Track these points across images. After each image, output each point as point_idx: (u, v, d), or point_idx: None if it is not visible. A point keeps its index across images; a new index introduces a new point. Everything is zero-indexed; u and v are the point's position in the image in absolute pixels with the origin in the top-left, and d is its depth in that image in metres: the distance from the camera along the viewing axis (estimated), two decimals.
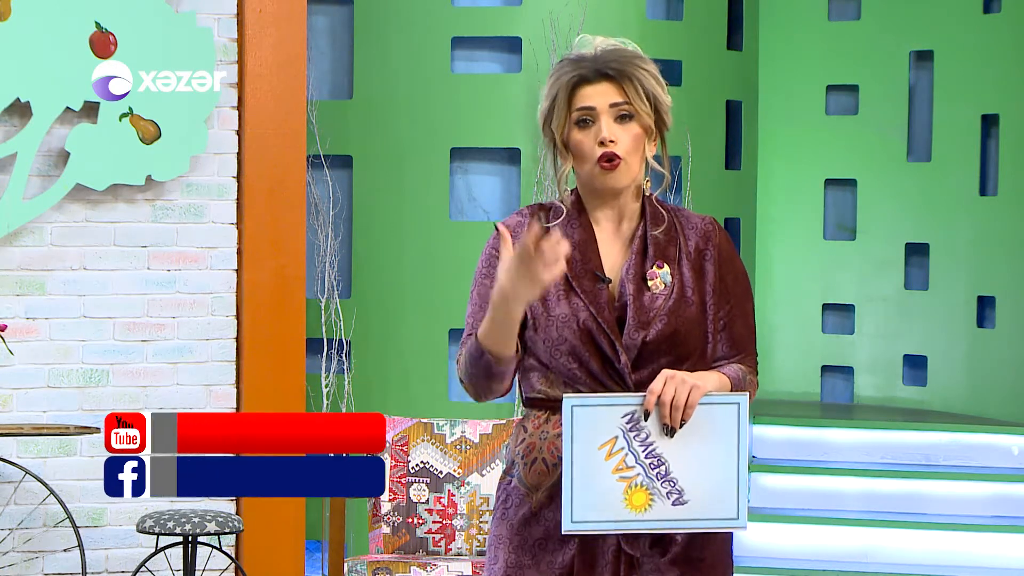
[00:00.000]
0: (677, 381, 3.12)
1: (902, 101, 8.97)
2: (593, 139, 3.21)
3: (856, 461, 8.29)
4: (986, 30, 8.66)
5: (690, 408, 3.12)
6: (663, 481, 3.14)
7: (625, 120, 3.23)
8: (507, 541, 3.29)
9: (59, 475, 6.25)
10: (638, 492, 3.14)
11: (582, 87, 3.23)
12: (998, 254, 8.61)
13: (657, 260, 3.25)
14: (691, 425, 3.14)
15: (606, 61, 3.23)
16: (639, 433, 3.14)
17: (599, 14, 7.41)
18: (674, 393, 3.11)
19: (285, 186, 6.44)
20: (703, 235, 3.29)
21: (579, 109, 3.22)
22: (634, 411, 3.14)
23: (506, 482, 3.32)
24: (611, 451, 3.14)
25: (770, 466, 8.18)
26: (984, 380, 8.68)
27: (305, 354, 6.56)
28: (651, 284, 3.24)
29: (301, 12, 6.46)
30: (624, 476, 3.14)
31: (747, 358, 3.31)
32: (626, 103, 3.21)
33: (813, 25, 9.11)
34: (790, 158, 9.14)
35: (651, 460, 3.14)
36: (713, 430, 3.14)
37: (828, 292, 9.17)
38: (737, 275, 3.30)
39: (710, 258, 3.28)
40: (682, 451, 3.14)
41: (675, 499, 3.14)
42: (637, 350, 3.20)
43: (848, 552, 7.77)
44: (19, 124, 6.18)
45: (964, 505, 7.96)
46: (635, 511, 3.14)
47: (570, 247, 3.22)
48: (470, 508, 5.65)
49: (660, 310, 3.21)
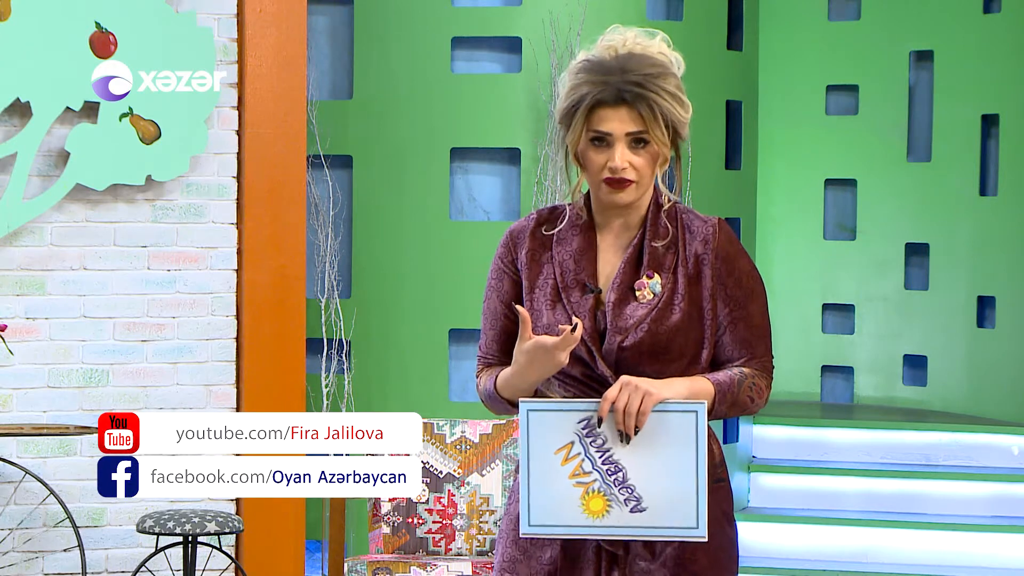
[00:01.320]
0: (631, 387, 3.12)
1: (902, 101, 8.97)
2: (605, 160, 3.21)
3: (856, 461, 8.29)
4: (986, 30, 8.65)
5: (643, 415, 3.11)
6: (620, 488, 3.13)
7: (639, 144, 3.22)
8: (506, 535, 3.34)
9: (59, 475, 6.25)
10: (595, 498, 3.13)
11: (600, 109, 3.20)
12: (998, 254, 8.60)
13: (649, 270, 3.25)
14: (647, 432, 3.12)
15: (626, 80, 3.19)
16: (595, 439, 3.13)
17: (599, 14, 7.40)
18: (627, 400, 3.11)
19: (285, 186, 6.44)
20: (703, 240, 3.27)
21: (595, 132, 3.21)
22: (589, 417, 3.14)
23: (514, 478, 3.34)
24: (567, 456, 3.14)
25: (770, 466, 8.18)
26: (984, 380, 8.67)
27: (305, 354, 6.56)
28: (639, 294, 3.24)
29: (301, 12, 6.46)
30: (581, 482, 3.13)
31: (754, 360, 3.28)
32: (643, 131, 3.20)
33: (813, 25, 9.11)
34: (790, 158, 9.14)
35: (608, 467, 3.13)
36: (670, 438, 3.12)
37: (828, 292, 9.17)
38: (740, 277, 3.27)
39: (707, 263, 3.26)
40: (639, 458, 3.12)
41: (633, 506, 3.13)
42: (615, 356, 3.20)
43: (848, 552, 7.77)
44: (19, 124, 6.18)
45: (964, 505, 7.96)
46: (592, 517, 3.13)
47: (567, 255, 3.26)
48: (470, 508, 5.65)
49: (640, 319, 3.21)
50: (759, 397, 3.27)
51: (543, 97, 7.42)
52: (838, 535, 7.80)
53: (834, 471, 8.10)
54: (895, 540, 7.75)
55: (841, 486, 8.05)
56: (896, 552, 7.73)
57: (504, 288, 3.33)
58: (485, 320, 3.34)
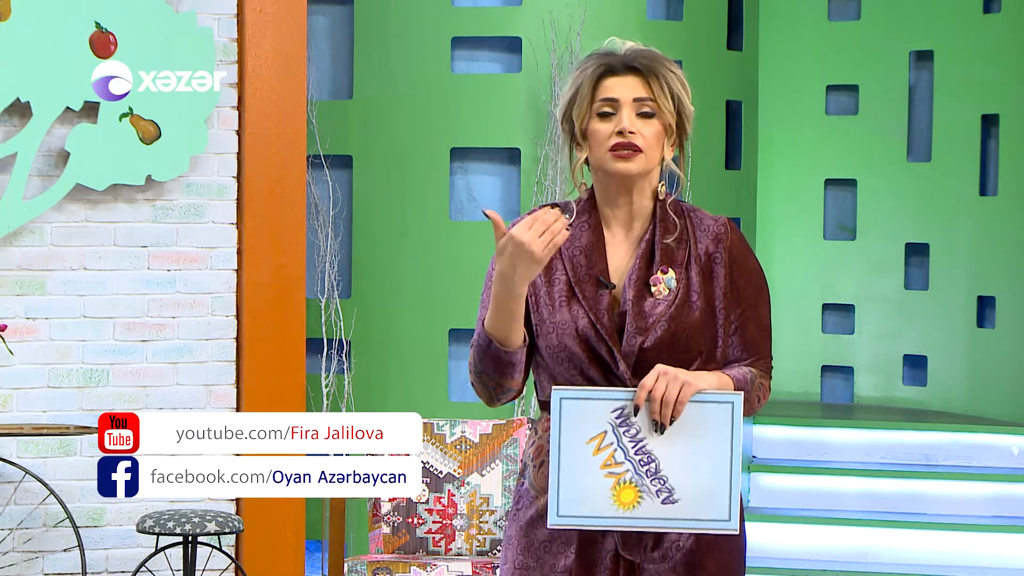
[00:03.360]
0: (670, 377, 3.08)
1: (902, 101, 8.97)
2: (612, 127, 3.20)
3: (856, 461, 8.29)
4: (986, 30, 8.66)
5: (680, 405, 3.08)
6: (653, 479, 3.09)
7: (647, 117, 3.21)
8: (515, 543, 3.29)
9: (59, 475, 6.25)
10: (626, 489, 3.10)
11: (607, 78, 3.22)
12: (998, 254, 8.61)
13: (663, 265, 3.22)
14: (682, 423, 3.09)
15: (635, 57, 3.22)
16: (629, 429, 3.10)
17: (599, 14, 7.41)
18: (665, 388, 3.08)
19: (285, 186, 6.44)
20: (714, 238, 3.26)
21: (602, 100, 3.20)
22: (624, 406, 3.10)
23: (519, 483, 3.31)
24: (600, 446, 3.10)
25: (770, 466, 8.18)
26: (984, 380, 8.68)
27: (305, 354, 6.56)
28: (654, 290, 3.21)
29: (301, 12, 6.46)
30: (613, 472, 3.09)
31: (759, 361, 3.27)
32: (650, 99, 3.20)
33: (813, 25, 9.11)
34: (790, 158, 9.14)
35: (641, 457, 3.09)
36: (705, 429, 3.09)
37: (828, 292, 9.17)
38: (750, 276, 3.27)
39: (720, 261, 3.24)
40: (673, 449, 3.09)
41: (664, 498, 3.09)
42: (636, 356, 3.17)
43: (848, 552, 7.77)
44: (19, 124, 6.18)
45: (964, 505, 7.96)
46: (623, 508, 3.10)
47: (576, 250, 3.22)
48: (470, 508, 5.65)
49: (660, 316, 3.18)
50: (764, 398, 3.28)
51: (543, 97, 7.42)
52: (838, 535, 7.80)
53: (834, 471, 8.10)
54: (895, 540, 7.75)
55: (841, 486, 8.05)
56: (896, 552, 7.73)
57: None
58: (483, 310, 3.27)
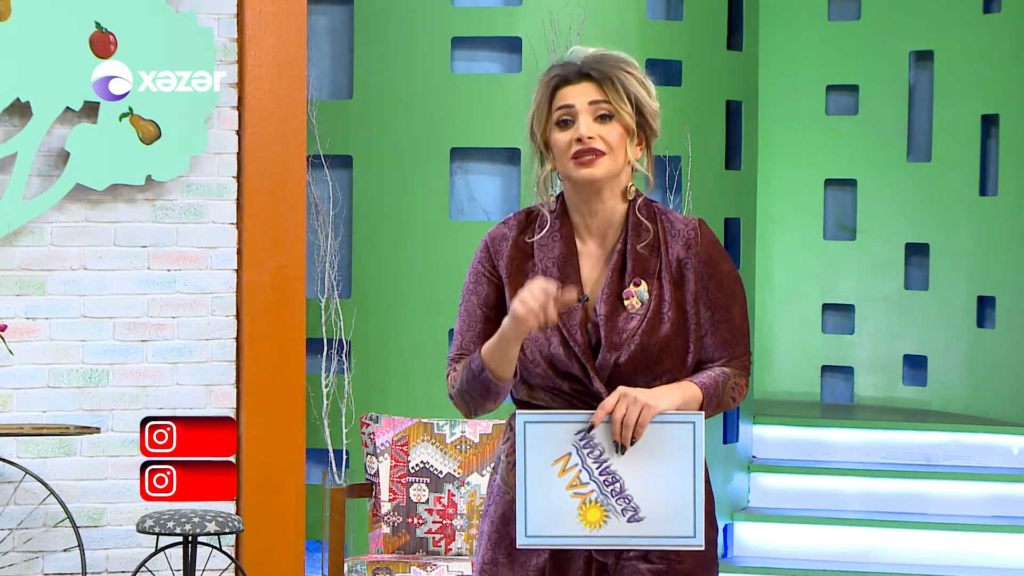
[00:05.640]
0: (630, 399, 3.13)
1: (902, 101, 8.97)
2: (572, 135, 3.23)
3: (856, 461, 8.29)
4: (986, 30, 8.66)
5: (640, 427, 3.12)
6: (618, 498, 3.14)
7: (606, 120, 3.23)
8: (486, 537, 3.33)
9: (59, 475, 6.25)
10: (592, 508, 3.15)
11: (563, 87, 3.26)
12: (998, 254, 8.61)
13: (635, 277, 3.25)
14: (645, 443, 3.14)
15: (588, 64, 3.25)
16: (592, 450, 3.15)
17: (599, 14, 7.40)
18: (625, 411, 3.12)
19: (285, 186, 6.44)
20: (685, 243, 3.28)
21: (559, 108, 3.24)
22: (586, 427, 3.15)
23: (492, 479, 3.35)
24: (564, 467, 3.15)
25: (770, 466, 8.18)
26: (984, 380, 8.68)
27: (305, 354, 6.56)
28: (627, 304, 3.24)
29: (301, 12, 6.46)
30: (578, 492, 3.15)
31: (735, 360, 3.31)
32: (605, 101, 3.23)
33: (813, 25, 9.12)
34: (790, 158, 9.15)
35: (605, 477, 3.15)
36: (668, 448, 3.14)
37: (828, 292, 9.17)
38: (721, 281, 3.29)
39: (690, 267, 3.27)
40: (637, 469, 3.14)
41: (630, 516, 3.15)
42: (610, 371, 3.21)
43: (848, 552, 7.77)
44: (19, 124, 6.19)
45: (964, 505, 7.96)
46: (590, 527, 3.15)
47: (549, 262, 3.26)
48: (470, 508, 5.65)
49: (633, 331, 3.21)
50: (740, 396, 3.32)
51: None
52: (838, 535, 7.80)
53: (834, 471, 8.11)
54: (895, 540, 7.75)
55: (841, 486, 8.05)
56: (896, 552, 7.73)
57: (483, 291, 3.35)
58: (461, 322, 3.34)
